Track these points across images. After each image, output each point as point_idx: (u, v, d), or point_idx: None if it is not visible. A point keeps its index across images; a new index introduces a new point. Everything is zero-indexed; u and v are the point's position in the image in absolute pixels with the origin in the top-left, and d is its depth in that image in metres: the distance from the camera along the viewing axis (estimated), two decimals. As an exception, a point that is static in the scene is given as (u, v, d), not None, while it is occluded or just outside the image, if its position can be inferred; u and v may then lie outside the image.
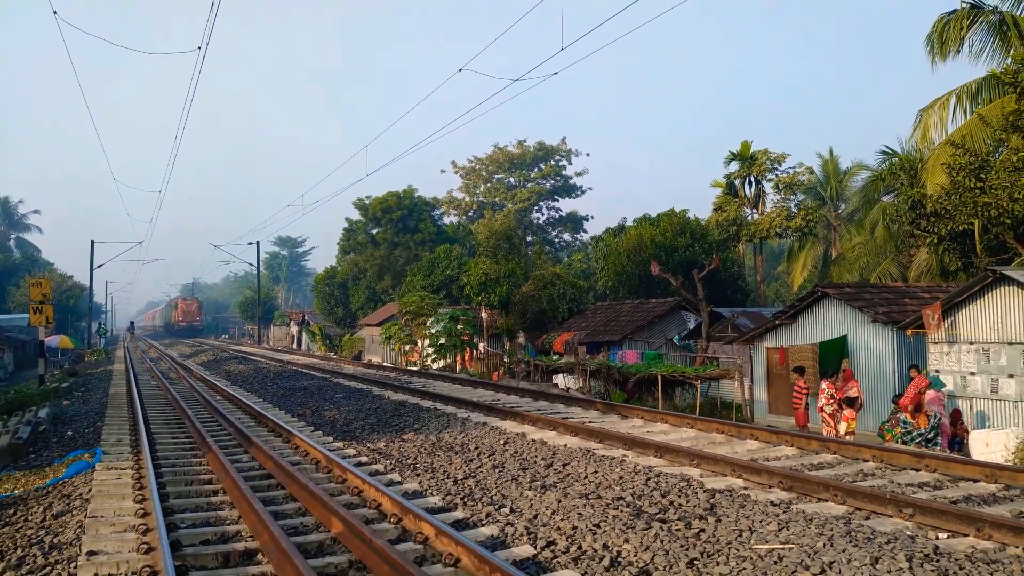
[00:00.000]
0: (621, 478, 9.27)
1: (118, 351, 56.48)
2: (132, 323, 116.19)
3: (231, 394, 20.15)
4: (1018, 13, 21.73)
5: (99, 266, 60.67)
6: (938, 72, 28.38)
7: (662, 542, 6.70)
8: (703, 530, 7.07)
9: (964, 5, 21.99)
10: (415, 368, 33.48)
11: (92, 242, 59.23)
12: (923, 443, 12.92)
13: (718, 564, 6.20)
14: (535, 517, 7.69)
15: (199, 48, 17.17)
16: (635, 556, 6.44)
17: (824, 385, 15.26)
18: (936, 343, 15.61)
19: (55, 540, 7.47)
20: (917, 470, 9.60)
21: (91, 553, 6.81)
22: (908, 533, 6.94)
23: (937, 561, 6.09)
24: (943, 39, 22.02)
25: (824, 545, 6.52)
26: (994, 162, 19.60)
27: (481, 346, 34.17)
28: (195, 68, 18.27)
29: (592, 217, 66.77)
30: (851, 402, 14.72)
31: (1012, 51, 20.82)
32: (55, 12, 17.80)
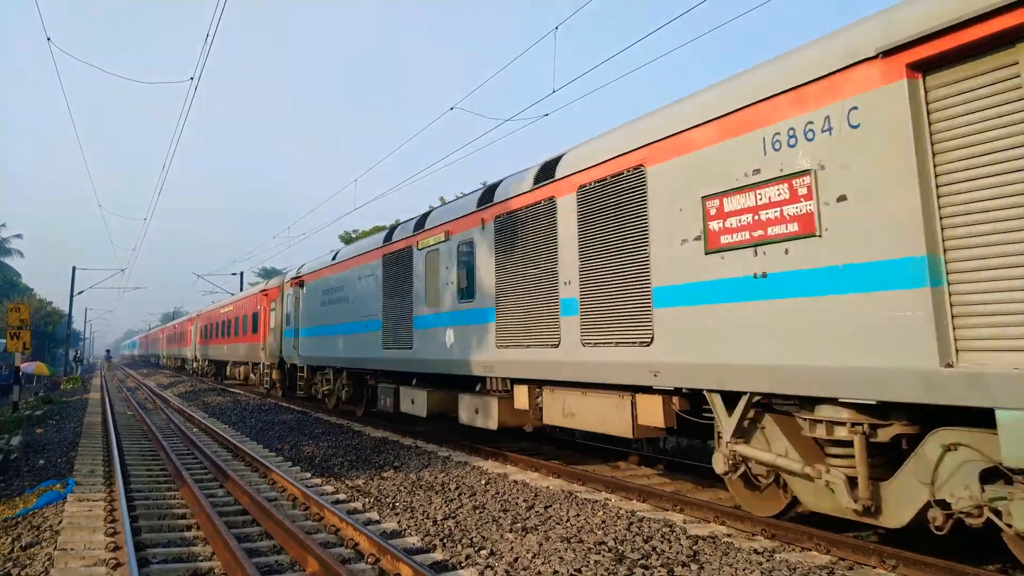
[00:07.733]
0: (603, 522, 9.16)
1: (94, 379, 55.63)
2: (108, 351, 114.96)
3: (208, 426, 19.85)
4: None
5: (79, 292, 60.14)
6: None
7: (644, 589, 6.61)
8: (686, 577, 6.99)
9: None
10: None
11: (73, 268, 58.85)
12: None
13: (701, 613, 6.11)
14: (516, 560, 7.57)
15: (191, 79, 17.26)
16: (617, 603, 6.34)
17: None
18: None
19: (23, 573, 7.25)
20: (900, 521, 9.55)
21: (58, 588, 6.63)
22: (892, 585, 6.89)
23: (921, 614, 6.03)
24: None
25: (808, 596, 6.46)
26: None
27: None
28: (187, 98, 18.34)
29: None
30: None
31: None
32: (48, 38, 17.90)
